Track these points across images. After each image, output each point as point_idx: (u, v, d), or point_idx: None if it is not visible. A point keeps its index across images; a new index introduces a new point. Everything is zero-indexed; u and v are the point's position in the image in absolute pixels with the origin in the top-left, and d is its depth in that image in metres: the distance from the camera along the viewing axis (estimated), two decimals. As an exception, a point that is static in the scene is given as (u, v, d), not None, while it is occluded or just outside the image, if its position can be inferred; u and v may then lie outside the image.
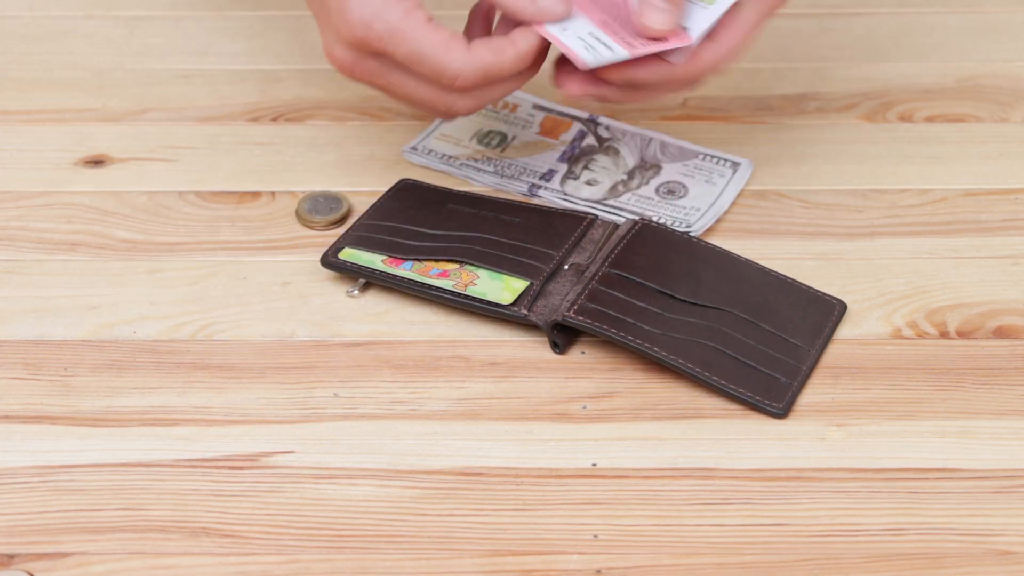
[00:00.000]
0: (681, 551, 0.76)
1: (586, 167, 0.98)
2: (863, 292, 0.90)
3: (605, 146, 0.99)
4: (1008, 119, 1.03)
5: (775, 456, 0.81)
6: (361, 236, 0.91)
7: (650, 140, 0.99)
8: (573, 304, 0.86)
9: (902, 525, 0.78)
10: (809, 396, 0.84)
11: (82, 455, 0.81)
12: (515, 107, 1.02)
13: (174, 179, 0.98)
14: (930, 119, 1.03)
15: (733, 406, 0.84)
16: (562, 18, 0.85)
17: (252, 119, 1.03)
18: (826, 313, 0.88)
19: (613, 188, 0.96)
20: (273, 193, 0.97)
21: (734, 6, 0.88)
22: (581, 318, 0.85)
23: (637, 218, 0.92)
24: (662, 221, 0.93)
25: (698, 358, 0.84)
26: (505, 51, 0.84)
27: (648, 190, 0.96)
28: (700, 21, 0.88)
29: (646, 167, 0.98)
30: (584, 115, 1.01)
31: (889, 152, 1.00)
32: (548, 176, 0.97)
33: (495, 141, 1.00)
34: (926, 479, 0.80)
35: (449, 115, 0.87)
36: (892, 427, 0.82)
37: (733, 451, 0.81)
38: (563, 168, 0.98)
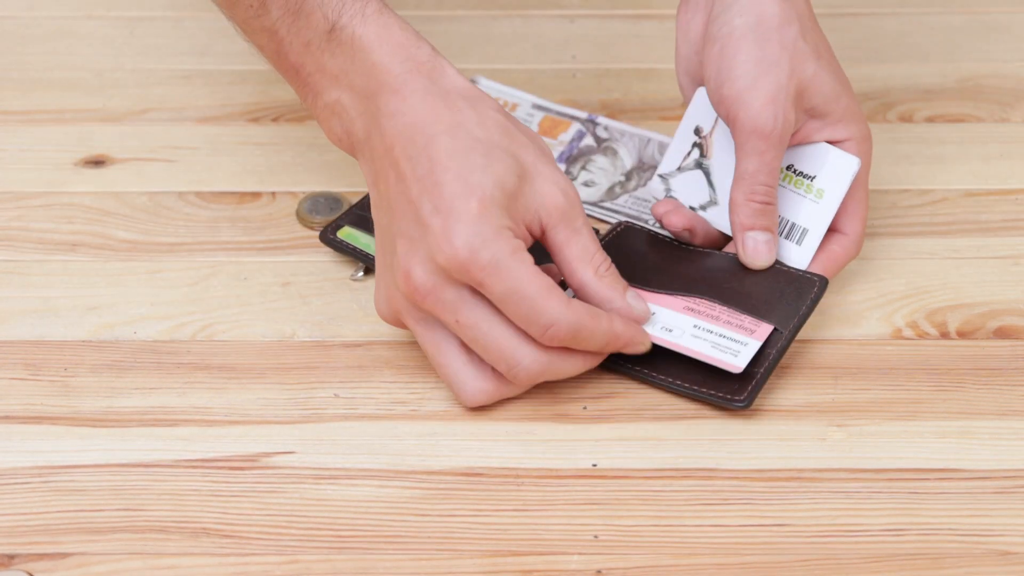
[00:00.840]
0: (681, 551, 0.76)
1: (584, 168, 0.98)
2: (863, 292, 0.90)
3: (603, 146, 0.99)
4: (1008, 119, 1.03)
5: (775, 456, 0.81)
6: (363, 216, 0.91)
7: (648, 140, 0.99)
8: None
9: (902, 525, 0.78)
10: (810, 396, 0.84)
11: (82, 455, 0.81)
12: (514, 106, 1.02)
13: (174, 179, 0.98)
14: (930, 119, 1.03)
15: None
16: (646, 319, 0.83)
17: (252, 119, 1.03)
18: (804, 290, 0.87)
19: (610, 190, 0.96)
20: (273, 193, 0.97)
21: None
22: None
23: (621, 220, 0.92)
24: (656, 225, 0.93)
25: (660, 365, 0.84)
26: (601, 320, 0.81)
27: (645, 192, 0.96)
28: (818, 222, 0.89)
29: (644, 168, 0.98)
30: (583, 115, 1.01)
31: (889, 152, 1.00)
32: None
33: None
34: (926, 479, 0.80)
35: (510, 370, 0.80)
36: (892, 427, 0.82)
37: (733, 451, 0.81)
38: (561, 168, 0.98)
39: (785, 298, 0.86)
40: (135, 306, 0.89)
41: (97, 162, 0.99)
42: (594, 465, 0.81)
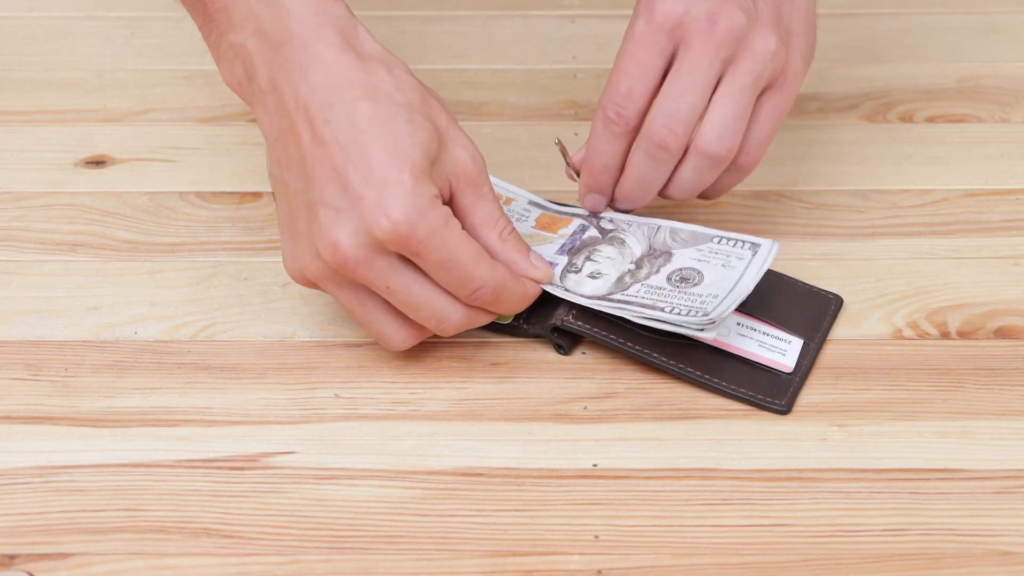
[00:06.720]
0: (682, 551, 0.77)
1: (588, 258, 0.89)
2: (864, 292, 0.90)
3: (609, 236, 0.90)
4: (1009, 119, 1.03)
5: (776, 456, 0.81)
6: None
7: (658, 228, 0.90)
8: (572, 308, 0.86)
9: (903, 525, 0.78)
10: (810, 396, 0.84)
11: (83, 455, 0.81)
12: (509, 201, 0.94)
13: (175, 180, 0.98)
14: (931, 119, 1.03)
15: (734, 406, 0.84)
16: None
17: (252, 119, 1.03)
18: (823, 307, 0.88)
19: (619, 279, 0.87)
20: (274, 194, 0.97)
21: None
22: (580, 323, 0.85)
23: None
24: (675, 312, 0.84)
25: (696, 360, 0.84)
26: (517, 281, 0.84)
27: (659, 279, 0.87)
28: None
29: (655, 255, 0.88)
30: (585, 212, 0.92)
31: (890, 153, 1.00)
32: None
33: None
34: (927, 479, 0.80)
35: (439, 326, 0.83)
36: (893, 427, 0.83)
37: (734, 451, 0.81)
38: (563, 261, 0.88)
39: (807, 312, 0.87)
40: (136, 306, 0.89)
41: (98, 162, 1.00)
42: (594, 465, 0.81)
